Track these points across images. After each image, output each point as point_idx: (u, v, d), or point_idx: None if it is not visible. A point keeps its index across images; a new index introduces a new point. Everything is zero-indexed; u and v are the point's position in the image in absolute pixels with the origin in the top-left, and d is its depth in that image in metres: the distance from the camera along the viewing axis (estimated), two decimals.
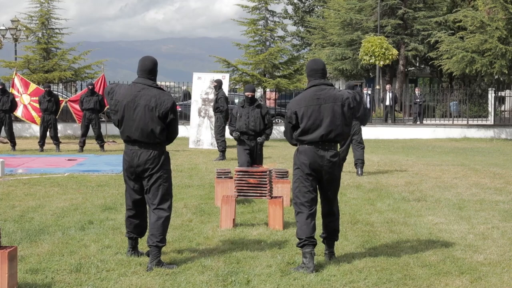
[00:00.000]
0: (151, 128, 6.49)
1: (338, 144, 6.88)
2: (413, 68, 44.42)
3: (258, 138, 11.33)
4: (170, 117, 6.56)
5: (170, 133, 6.67)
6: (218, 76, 21.50)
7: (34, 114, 21.54)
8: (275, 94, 29.84)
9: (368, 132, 27.73)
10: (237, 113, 11.43)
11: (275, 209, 8.47)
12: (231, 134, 11.55)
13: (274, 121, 28.99)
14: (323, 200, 6.89)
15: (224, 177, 10.15)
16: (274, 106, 29.69)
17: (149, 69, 6.65)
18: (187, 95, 31.62)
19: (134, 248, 6.93)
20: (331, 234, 6.91)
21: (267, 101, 30.64)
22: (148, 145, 6.55)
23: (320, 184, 6.77)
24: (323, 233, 6.94)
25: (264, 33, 27.68)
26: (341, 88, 9.70)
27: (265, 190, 8.64)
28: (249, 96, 11.44)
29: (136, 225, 6.85)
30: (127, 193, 6.83)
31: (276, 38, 28.49)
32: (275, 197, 8.76)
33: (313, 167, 6.63)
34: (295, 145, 6.87)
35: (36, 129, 23.47)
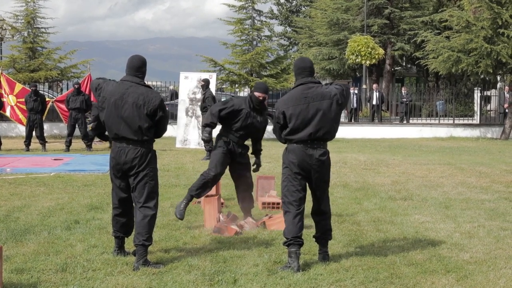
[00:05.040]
0: (139, 125, 6.50)
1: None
2: (399, 67, 44.55)
3: (253, 166, 8.79)
4: (159, 114, 6.59)
5: (159, 130, 6.71)
6: (205, 75, 21.45)
7: (21, 115, 21.44)
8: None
9: (355, 132, 27.82)
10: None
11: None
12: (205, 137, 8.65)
13: None
14: (312, 198, 6.89)
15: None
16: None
17: (137, 67, 6.67)
18: (174, 95, 31.56)
19: (120, 248, 6.90)
20: (324, 233, 6.89)
21: None
22: (135, 142, 6.54)
23: (309, 182, 6.77)
24: (316, 233, 6.94)
25: (251, 32, 27.67)
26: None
27: None
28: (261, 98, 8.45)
29: (123, 224, 6.83)
30: (113, 192, 6.82)
31: (263, 38, 28.48)
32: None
33: (302, 166, 6.62)
34: (285, 142, 6.86)
35: (22, 128, 23.34)
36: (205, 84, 18.23)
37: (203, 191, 8.44)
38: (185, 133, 21.34)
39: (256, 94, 8.37)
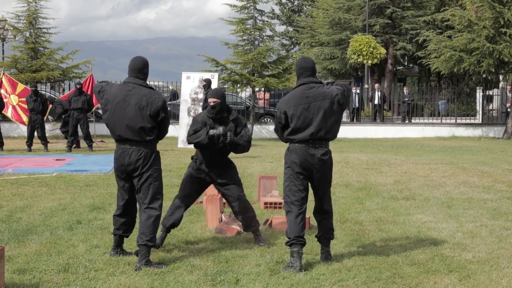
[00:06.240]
0: (142, 126, 6.52)
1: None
2: (401, 67, 44.50)
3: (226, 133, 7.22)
4: (162, 115, 6.63)
5: (161, 132, 6.75)
6: (207, 75, 21.46)
7: (22, 115, 21.46)
8: (265, 94, 29.82)
9: (357, 131, 27.81)
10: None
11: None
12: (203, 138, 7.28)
13: (263, 120, 28.99)
14: (315, 198, 6.89)
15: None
16: (264, 106, 29.72)
17: (139, 69, 6.70)
18: (175, 95, 31.56)
19: (118, 246, 6.91)
20: (326, 232, 6.89)
21: (259, 101, 30.61)
22: (139, 143, 6.56)
23: (311, 182, 6.77)
24: (318, 232, 6.93)
25: (252, 32, 27.67)
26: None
27: None
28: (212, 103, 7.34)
29: (122, 223, 6.86)
30: (118, 192, 6.85)
31: (264, 37, 28.48)
32: None
33: (303, 166, 6.62)
34: (287, 142, 6.85)
35: (24, 129, 23.36)
36: (207, 84, 18.25)
37: (170, 215, 7.40)
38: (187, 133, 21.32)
39: (208, 100, 7.34)
